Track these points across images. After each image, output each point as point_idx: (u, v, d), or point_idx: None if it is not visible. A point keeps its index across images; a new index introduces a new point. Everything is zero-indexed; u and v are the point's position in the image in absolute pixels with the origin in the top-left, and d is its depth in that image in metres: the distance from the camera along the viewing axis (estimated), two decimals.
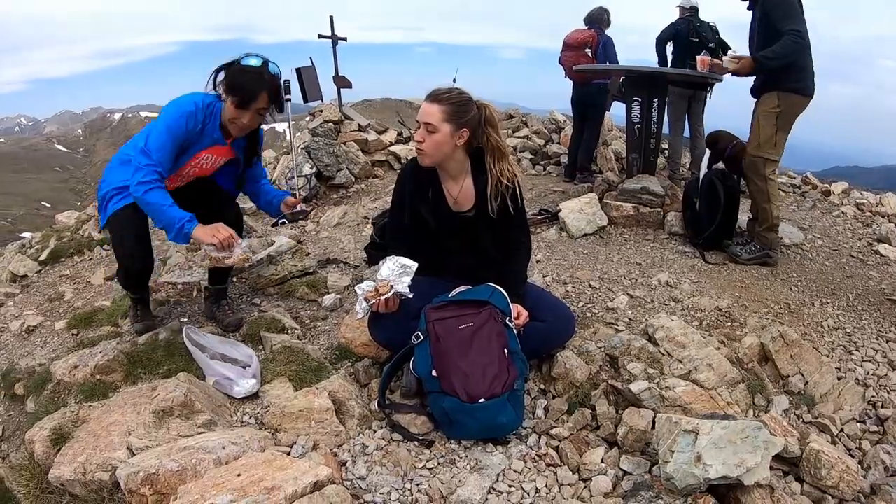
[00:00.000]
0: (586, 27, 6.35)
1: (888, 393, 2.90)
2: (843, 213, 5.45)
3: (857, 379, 2.95)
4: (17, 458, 2.64)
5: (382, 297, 2.41)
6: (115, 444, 2.23)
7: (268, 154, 8.84)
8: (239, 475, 1.86)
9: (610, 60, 6.13)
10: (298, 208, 3.35)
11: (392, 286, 2.43)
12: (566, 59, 6.32)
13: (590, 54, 6.21)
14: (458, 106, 2.47)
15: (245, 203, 4.56)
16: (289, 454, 2.14)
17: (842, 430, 2.63)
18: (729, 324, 3.16)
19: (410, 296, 2.45)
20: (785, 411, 2.62)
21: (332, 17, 7.90)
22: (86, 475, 2.12)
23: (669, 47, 6.24)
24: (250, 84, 2.68)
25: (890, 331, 3.38)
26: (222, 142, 2.86)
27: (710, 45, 5.85)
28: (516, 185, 2.69)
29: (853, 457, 2.46)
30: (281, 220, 3.45)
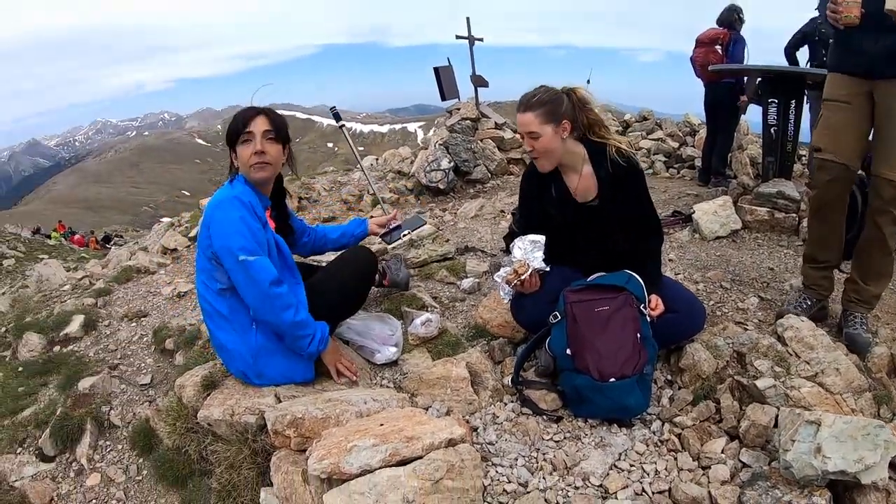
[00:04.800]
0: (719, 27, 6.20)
1: None
2: None
3: None
4: (165, 402, 2.97)
5: (523, 277, 2.50)
6: (264, 391, 2.52)
7: (403, 150, 9.11)
8: (381, 425, 2.05)
9: (736, 59, 5.94)
10: (393, 224, 3.29)
11: (529, 265, 2.51)
12: (697, 55, 6.21)
13: (719, 50, 6.06)
14: (548, 105, 2.51)
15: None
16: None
17: None
18: None
19: (547, 269, 2.53)
20: None
21: (468, 18, 8.10)
22: (233, 416, 2.39)
23: (805, 53, 5.95)
24: (242, 114, 2.50)
25: None
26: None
27: None
28: (633, 152, 2.67)
29: None
30: (396, 239, 3.40)
